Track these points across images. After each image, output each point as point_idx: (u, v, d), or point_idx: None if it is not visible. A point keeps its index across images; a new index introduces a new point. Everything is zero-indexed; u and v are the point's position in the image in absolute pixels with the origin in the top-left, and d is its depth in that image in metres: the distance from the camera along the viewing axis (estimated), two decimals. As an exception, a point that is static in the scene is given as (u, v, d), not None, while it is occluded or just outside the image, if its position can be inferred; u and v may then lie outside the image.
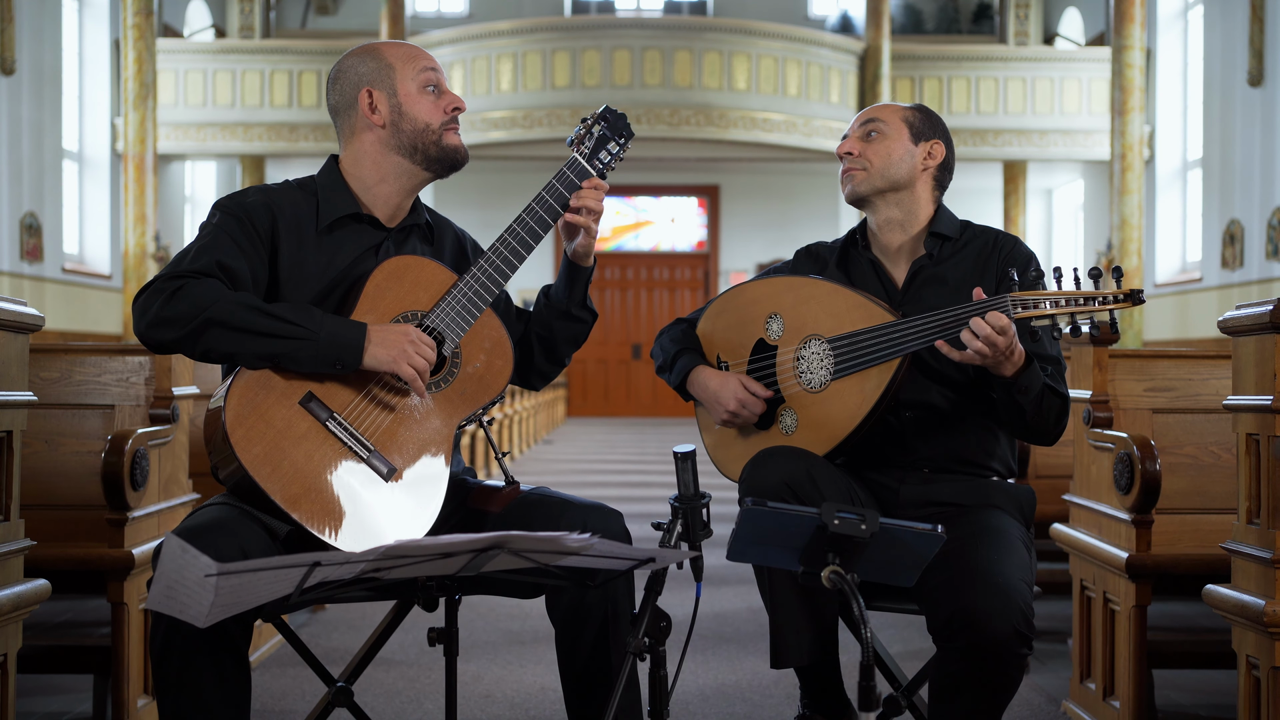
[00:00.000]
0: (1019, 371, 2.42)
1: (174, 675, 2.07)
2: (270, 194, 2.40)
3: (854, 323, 2.54)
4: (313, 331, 2.19)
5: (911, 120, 2.69)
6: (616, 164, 2.48)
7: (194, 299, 2.19)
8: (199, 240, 2.32)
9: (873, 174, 2.65)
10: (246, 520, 2.17)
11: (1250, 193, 13.14)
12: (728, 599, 5.11)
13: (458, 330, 2.32)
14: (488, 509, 2.41)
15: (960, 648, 2.23)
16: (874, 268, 2.70)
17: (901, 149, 2.65)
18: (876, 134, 2.66)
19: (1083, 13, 18.45)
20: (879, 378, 2.49)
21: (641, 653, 2.02)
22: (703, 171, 19.67)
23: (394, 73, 2.40)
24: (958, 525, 2.41)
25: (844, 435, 2.52)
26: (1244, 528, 2.52)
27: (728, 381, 2.66)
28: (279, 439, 2.18)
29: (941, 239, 2.67)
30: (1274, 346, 2.43)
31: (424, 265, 2.36)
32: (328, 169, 2.47)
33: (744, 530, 2.03)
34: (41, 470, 3.15)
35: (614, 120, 2.48)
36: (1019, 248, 2.66)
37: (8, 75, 12.90)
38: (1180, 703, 3.61)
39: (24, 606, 2.52)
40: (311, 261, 2.36)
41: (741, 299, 2.75)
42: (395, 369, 2.22)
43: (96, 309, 14.86)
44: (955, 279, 2.63)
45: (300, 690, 3.67)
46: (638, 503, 8.09)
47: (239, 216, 2.34)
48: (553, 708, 3.55)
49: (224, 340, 2.19)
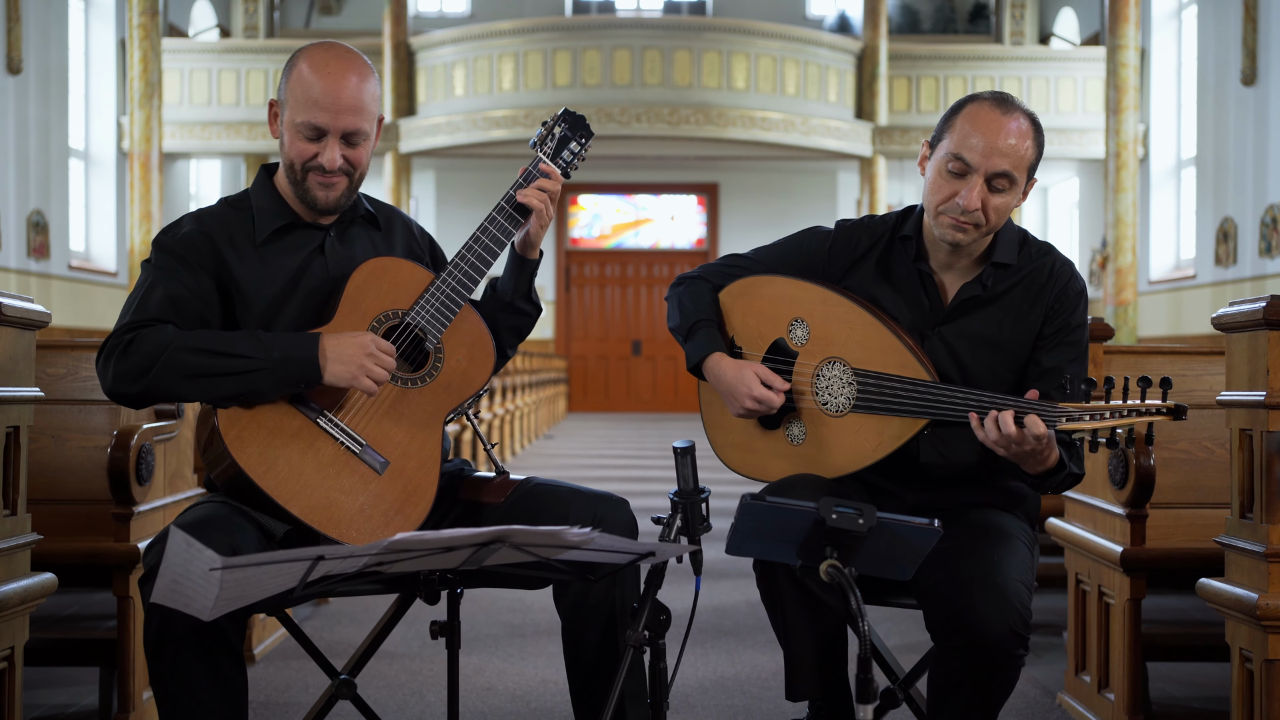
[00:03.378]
0: (1046, 473, 2.34)
1: (167, 672, 2.10)
2: (203, 220, 2.40)
3: (886, 364, 2.41)
4: (266, 359, 2.21)
5: (1033, 163, 2.40)
6: (579, 162, 2.51)
7: (146, 350, 2.21)
8: (142, 284, 2.33)
9: (984, 230, 2.40)
10: (238, 518, 2.20)
11: (1243, 191, 13.16)
12: (727, 592, 5.14)
13: (438, 326, 2.36)
14: (482, 499, 2.44)
15: (957, 647, 2.23)
16: (923, 280, 2.51)
17: (1016, 201, 2.41)
18: (1004, 189, 2.37)
19: (1078, 12, 18.46)
20: (901, 430, 2.41)
21: (641, 645, 2.05)
22: (702, 170, 19.69)
23: (287, 103, 2.36)
24: (960, 523, 2.38)
25: (854, 470, 2.47)
26: (1237, 522, 2.54)
27: (743, 374, 2.52)
28: (271, 438, 2.22)
29: (999, 268, 2.47)
30: (1267, 343, 2.45)
31: (401, 265, 2.39)
32: (259, 181, 2.46)
33: (743, 525, 2.05)
34: (48, 465, 3.17)
35: (574, 121, 2.51)
36: (1071, 285, 2.48)
37: (15, 74, 12.92)
38: (1174, 695, 3.64)
39: (31, 600, 2.54)
40: (258, 274, 2.37)
41: (772, 289, 2.59)
42: (355, 383, 2.24)
43: (102, 306, 14.87)
44: (1001, 308, 2.47)
45: (304, 682, 3.70)
46: (638, 497, 8.03)
47: (175, 252, 2.34)
48: (554, 700, 3.57)
49: (187, 388, 2.22)
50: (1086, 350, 2.51)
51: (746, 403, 2.51)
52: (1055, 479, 2.38)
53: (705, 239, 20.49)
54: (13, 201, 12.91)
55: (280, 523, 2.25)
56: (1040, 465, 2.30)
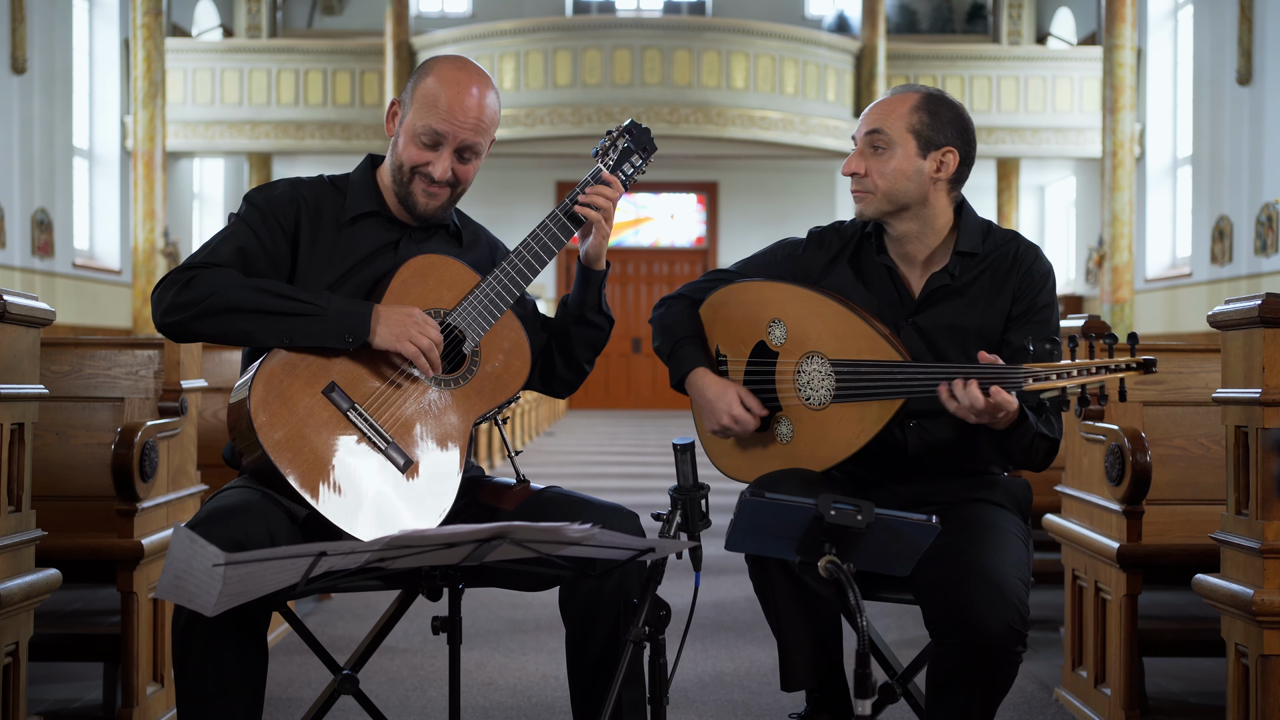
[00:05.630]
0: (1011, 427, 2.37)
1: (197, 656, 2.11)
2: (299, 186, 2.47)
3: (859, 351, 2.45)
4: (322, 308, 2.26)
5: (919, 128, 2.48)
6: (639, 177, 2.52)
7: (205, 286, 2.27)
8: (223, 231, 2.41)
9: (879, 197, 2.49)
10: (269, 504, 2.21)
11: (1239, 189, 13.17)
12: (726, 588, 5.16)
13: (478, 329, 2.37)
14: (500, 505, 2.45)
15: (956, 643, 2.24)
16: (890, 274, 2.56)
17: (909, 166, 2.47)
18: (883, 148, 2.48)
19: (1074, 12, 18.47)
20: (880, 413, 2.44)
21: (641, 641, 2.06)
22: (701, 168, 19.69)
23: (411, 106, 2.42)
24: (954, 520, 2.39)
25: (840, 459, 2.50)
26: (1233, 518, 2.56)
27: (725, 393, 2.57)
28: (300, 426, 2.23)
29: (964, 256, 2.52)
30: (1262, 341, 2.47)
31: (449, 264, 2.41)
32: (362, 168, 2.53)
33: (742, 521, 2.06)
34: (52, 462, 3.19)
35: (639, 135, 2.52)
36: (1037, 265, 2.52)
37: (19, 74, 12.93)
38: (1170, 690, 3.65)
39: (35, 595, 2.56)
40: (329, 251, 2.42)
41: (747, 294, 2.65)
42: (399, 347, 2.27)
43: (106, 303, 14.89)
44: (972, 294, 2.52)
45: (306, 677, 3.72)
46: (638, 494, 8.10)
47: (262, 208, 2.42)
48: (554, 695, 3.59)
49: (236, 321, 2.26)
50: (1057, 330, 2.53)
51: (724, 419, 2.56)
52: (1024, 440, 2.40)
53: (705, 237, 20.50)
54: (17, 200, 12.93)
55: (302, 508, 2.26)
56: (1006, 422, 2.33)
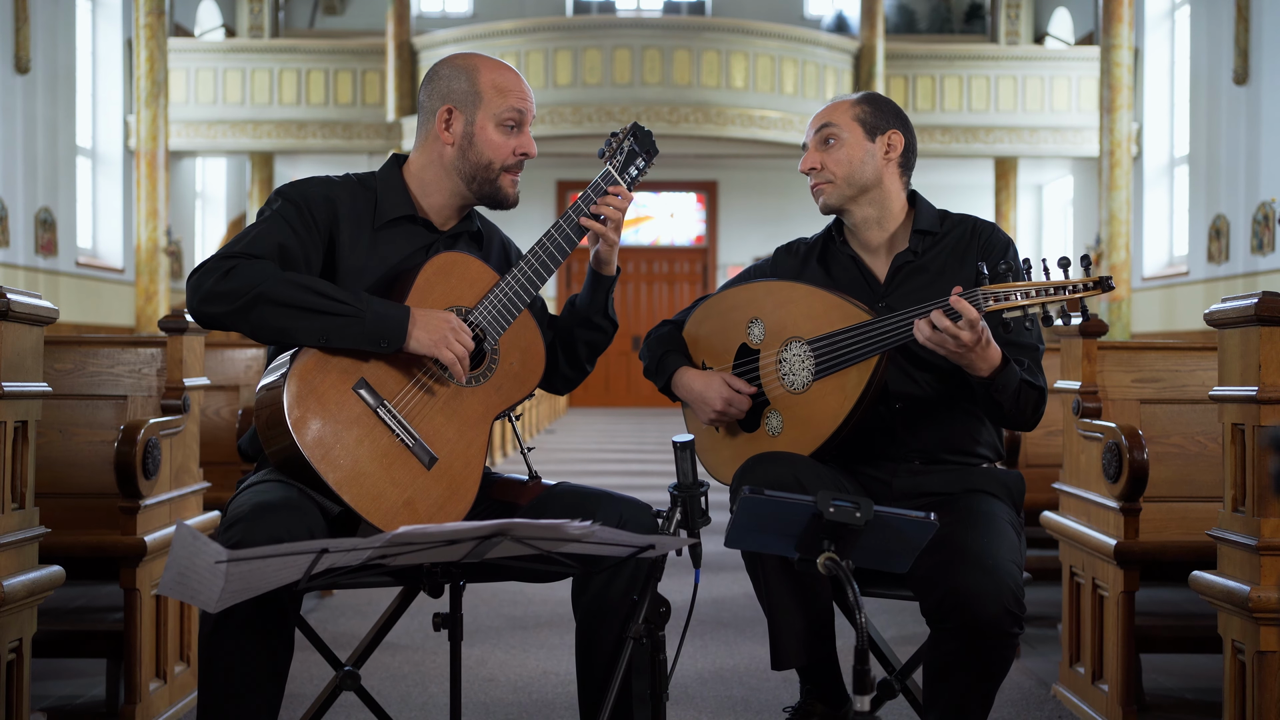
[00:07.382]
0: (995, 372, 2.42)
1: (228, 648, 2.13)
2: (332, 186, 2.47)
3: (832, 323, 2.54)
4: (360, 310, 2.26)
5: (863, 117, 2.65)
6: (641, 179, 2.56)
7: (246, 277, 2.25)
8: (257, 224, 2.39)
9: (839, 184, 2.64)
10: (306, 500, 2.23)
11: (1236, 188, 13.17)
12: (725, 585, 5.18)
13: (498, 328, 2.39)
14: (514, 501, 2.47)
15: (952, 628, 2.27)
16: (855, 263, 2.70)
17: (861, 151, 2.63)
18: (834, 140, 2.64)
19: (1072, 12, 18.47)
20: (859, 376, 2.50)
21: (641, 637, 2.08)
22: (701, 168, 19.70)
23: (480, 102, 2.45)
24: (948, 511, 2.44)
25: (828, 434, 2.54)
26: (1230, 515, 2.57)
27: (712, 381, 2.67)
28: (332, 422, 2.23)
29: (924, 235, 2.65)
30: (1259, 339, 2.48)
31: (470, 263, 2.43)
32: (389, 168, 2.53)
33: (742, 518, 2.08)
34: (56, 459, 3.20)
35: (642, 137, 2.56)
36: (996, 235, 2.66)
37: (23, 74, 12.93)
38: (1167, 686, 3.67)
39: (39, 592, 2.57)
40: (366, 255, 2.43)
41: (723, 304, 2.75)
42: (435, 353, 2.28)
43: (109, 302, 14.89)
44: (936, 269, 2.63)
45: (308, 674, 3.73)
46: (638, 491, 8.04)
47: (298, 204, 2.40)
48: (555, 691, 3.61)
49: (274, 316, 2.24)
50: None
51: (717, 404, 2.65)
52: (1008, 383, 2.44)
53: (705, 236, 20.52)
54: (21, 199, 12.94)
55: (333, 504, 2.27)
56: (987, 364, 2.40)
